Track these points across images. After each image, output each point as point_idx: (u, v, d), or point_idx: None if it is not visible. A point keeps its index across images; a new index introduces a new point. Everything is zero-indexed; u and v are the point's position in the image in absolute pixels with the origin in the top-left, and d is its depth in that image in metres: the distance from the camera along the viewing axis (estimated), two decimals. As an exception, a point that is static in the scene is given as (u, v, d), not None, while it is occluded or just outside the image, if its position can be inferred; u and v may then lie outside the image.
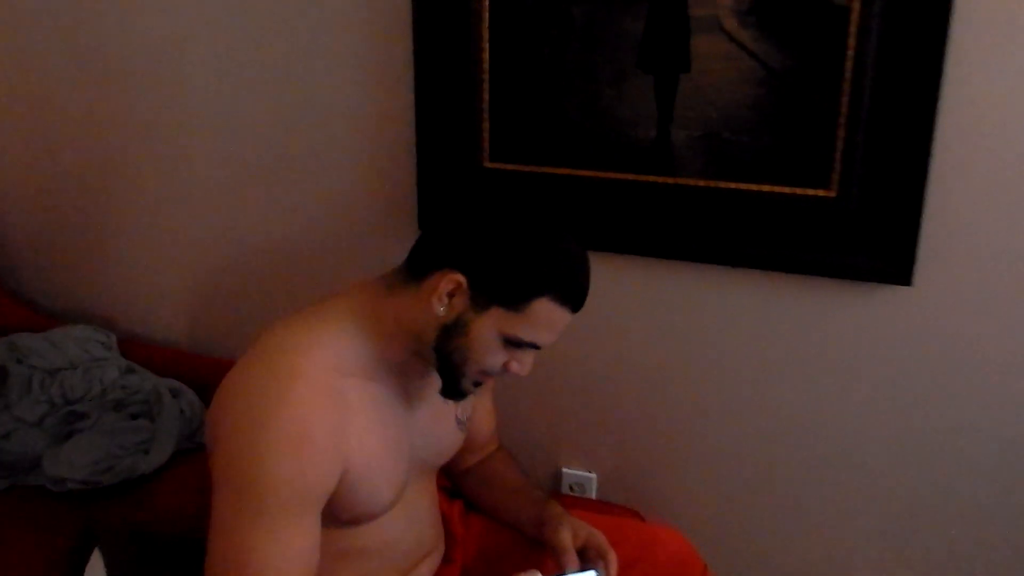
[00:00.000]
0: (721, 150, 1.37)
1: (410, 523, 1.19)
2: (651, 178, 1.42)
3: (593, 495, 1.65)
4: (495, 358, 1.05)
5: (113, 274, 1.91)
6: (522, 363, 1.07)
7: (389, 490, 1.10)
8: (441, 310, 1.03)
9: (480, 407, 1.31)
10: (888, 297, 1.36)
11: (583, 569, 1.13)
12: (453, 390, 1.10)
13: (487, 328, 1.02)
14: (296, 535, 0.97)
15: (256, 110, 1.65)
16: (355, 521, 1.10)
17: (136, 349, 1.83)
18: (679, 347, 1.52)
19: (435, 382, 1.13)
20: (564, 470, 1.67)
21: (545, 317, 1.02)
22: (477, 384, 1.10)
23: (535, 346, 1.05)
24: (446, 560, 1.28)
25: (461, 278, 1.01)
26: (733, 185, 1.38)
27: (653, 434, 1.58)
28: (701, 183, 1.39)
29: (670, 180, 1.41)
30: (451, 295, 1.02)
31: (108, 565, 1.29)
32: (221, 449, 0.98)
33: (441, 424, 1.20)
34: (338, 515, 1.06)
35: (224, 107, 1.67)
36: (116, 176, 1.83)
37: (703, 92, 1.36)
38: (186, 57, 1.67)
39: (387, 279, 1.10)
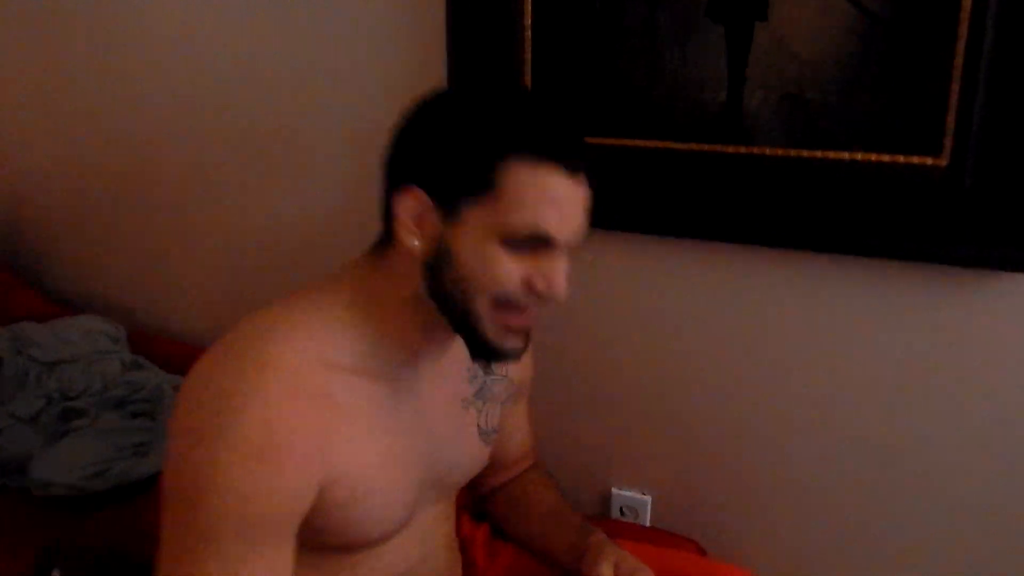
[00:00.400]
0: (804, 113, 1.20)
1: (422, 553, 1.00)
2: (720, 148, 1.27)
3: (646, 521, 1.49)
4: (503, 275, 0.81)
5: (133, 266, 1.91)
6: (548, 276, 0.83)
7: (392, 511, 0.92)
8: (415, 243, 0.84)
9: (511, 416, 1.12)
10: (1010, 287, 1.15)
11: None
12: (479, 345, 0.86)
13: (472, 237, 0.81)
14: (256, 566, 0.78)
15: (279, 99, 1.60)
16: (348, 547, 0.92)
17: (149, 343, 1.74)
18: (751, 349, 1.33)
19: (452, 382, 0.97)
20: (614, 491, 1.51)
21: (529, 188, 0.79)
22: (510, 331, 0.86)
23: (546, 239, 0.81)
24: (466, 595, 1.09)
25: (416, 190, 0.83)
26: (819, 154, 1.20)
27: (718, 452, 1.40)
28: (780, 152, 1.23)
29: (743, 150, 1.25)
30: (417, 220, 0.83)
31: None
32: (169, 458, 0.80)
33: (461, 435, 1.01)
34: (326, 539, 0.88)
35: (247, 99, 1.64)
36: (139, 167, 1.85)
37: (784, 45, 1.19)
38: (206, 50, 1.66)
39: (374, 247, 0.91)
